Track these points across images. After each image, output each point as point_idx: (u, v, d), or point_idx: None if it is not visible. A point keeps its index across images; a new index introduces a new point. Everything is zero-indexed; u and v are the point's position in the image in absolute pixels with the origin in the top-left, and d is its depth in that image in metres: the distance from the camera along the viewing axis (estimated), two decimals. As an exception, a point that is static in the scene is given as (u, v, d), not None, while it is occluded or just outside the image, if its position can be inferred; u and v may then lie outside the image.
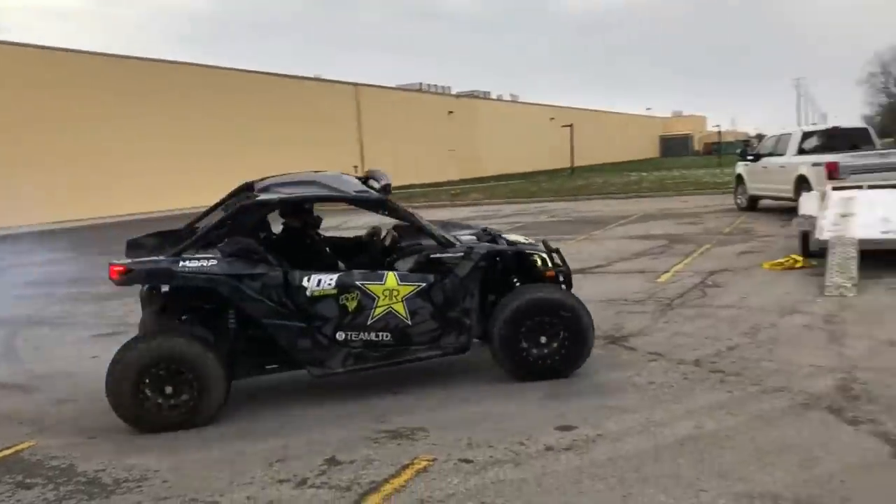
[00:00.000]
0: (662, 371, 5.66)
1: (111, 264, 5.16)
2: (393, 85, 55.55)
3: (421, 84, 59.54)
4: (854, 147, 17.06)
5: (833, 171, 15.32)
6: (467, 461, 4.22)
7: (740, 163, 19.20)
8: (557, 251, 6.29)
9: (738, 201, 18.90)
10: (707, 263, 10.73)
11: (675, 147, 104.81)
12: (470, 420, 4.89)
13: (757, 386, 5.17)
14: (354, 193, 5.73)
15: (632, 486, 3.75)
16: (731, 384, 5.25)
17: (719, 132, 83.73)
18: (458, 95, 61.88)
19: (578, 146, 61.13)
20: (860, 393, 4.87)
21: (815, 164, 15.90)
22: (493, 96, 72.03)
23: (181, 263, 5.11)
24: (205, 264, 5.12)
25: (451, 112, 57.35)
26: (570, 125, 56.30)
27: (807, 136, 17.39)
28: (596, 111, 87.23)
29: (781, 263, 10.01)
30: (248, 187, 5.97)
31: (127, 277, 5.14)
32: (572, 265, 11.07)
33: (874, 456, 3.93)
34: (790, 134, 17.86)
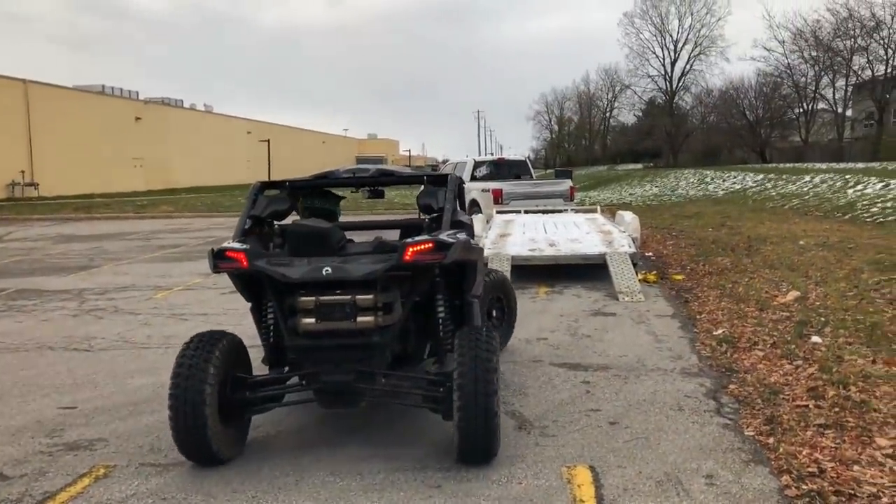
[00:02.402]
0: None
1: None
2: (70, 85, 50.70)
3: (104, 86, 55.19)
4: (517, 176, 19.59)
5: (497, 197, 17.49)
6: (150, 465, 4.36)
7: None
8: None
9: (422, 221, 20.58)
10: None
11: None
12: (154, 427, 4.99)
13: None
14: None
15: (305, 471, 4.21)
16: (399, 380, 5.96)
17: (409, 156, 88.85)
18: (146, 101, 58.38)
19: (276, 161, 61.14)
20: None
21: (483, 190, 18.02)
22: (187, 105, 69.16)
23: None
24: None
25: (138, 118, 53.96)
26: (268, 140, 56.13)
27: (478, 164, 19.57)
28: (294, 128, 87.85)
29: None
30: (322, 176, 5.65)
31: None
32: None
33: (503, 429, 4.77)
34: (464, 162, 19.95)
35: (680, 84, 72.81)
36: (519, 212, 15.86)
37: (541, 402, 5.34)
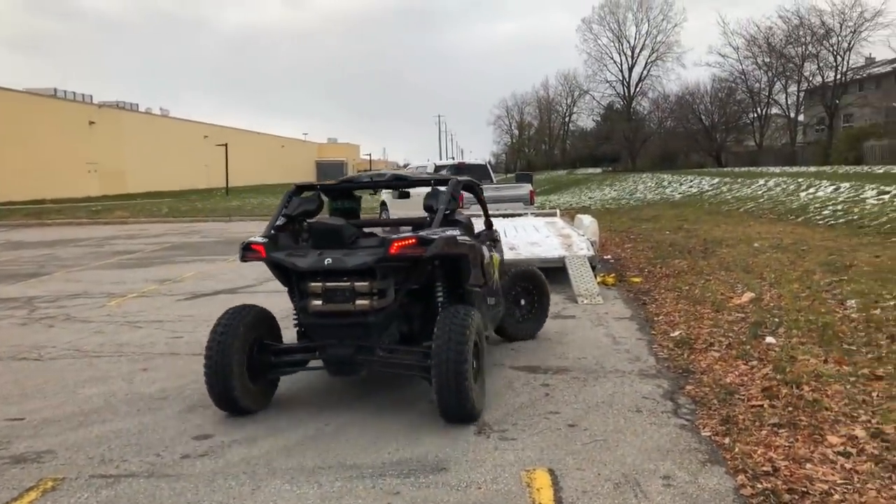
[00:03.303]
0: (297, 378, 6.13)
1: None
2: (20, 88, 49.42)
3: (56, 90, 53.95)
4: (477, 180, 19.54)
5: (460, 201, 17.39)
6: (100, 476, 4.24)
7: (384, 191, 20.88)
8: None
9: (382, 226, 20.51)
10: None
11: (331, 172, 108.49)
12: (104, 438, 4.87)
13: (382, 385, 5.89)
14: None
15: (262, 480, 4.13)
16: (360, 385, 5.90)
17: (370, 160, 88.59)
18: (101, 105, 57.22)
19: (234, 166, 60.39)
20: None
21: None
22: (142, 109, 67.98)
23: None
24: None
25: (92, 122, 52.85)
26: (225, 144, 55.42)
27: (438, 169, 19.53)
28: (252, 132, 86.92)
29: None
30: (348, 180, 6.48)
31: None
32: (223, 286, 11.22)
33: (463, 433, 4.79)
34: (425, 166, 19.91)
35: (637, 89, 73.94)
36: (479, 216, 15.84)
37: (501, 406, 5.33)
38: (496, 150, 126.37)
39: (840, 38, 49.13)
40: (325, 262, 4.95)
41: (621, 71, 73.93)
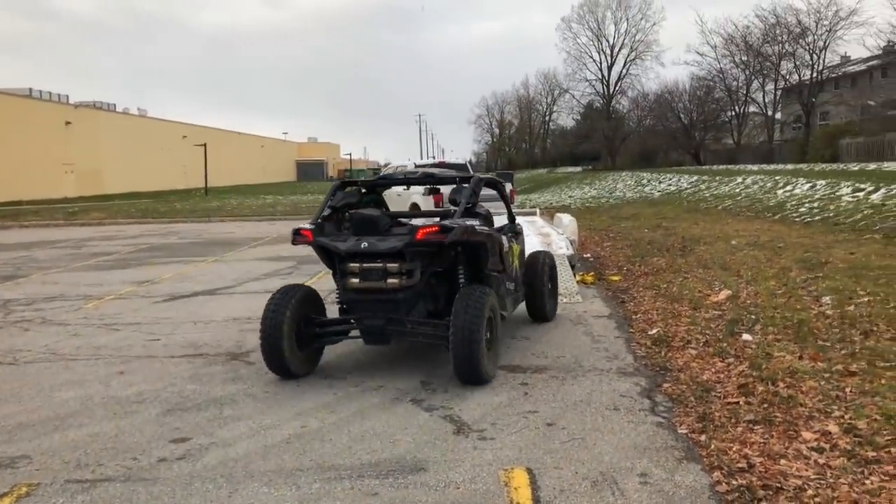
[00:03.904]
0: (278, 380, 6.12)
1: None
2: (-5, 88, 48.77)
3: (31, 90, 53.31)
4: (456, 180, 19.55)
5: (438, 201, 17.48)
6: (76, 481, 4.19)
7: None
8: None
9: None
10: (331, 283, 11.52)
11: (311, 172, 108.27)
12: (81, 442, 4.82)
13: (358, 387, 5.89)
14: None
15: (239, 483, 4.11)
16: (337, 387, 5.90)
17: (350, 160, 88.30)
18: (77, 105, 56.60)
19: (214, 167, 60.02)
20: (437, 386, 5.85)
21: (425, 194, 17.99)
22: (119, 109, 67.35)
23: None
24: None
25: (68, 123, 52.29)
26: (204, 144, 55.03)
27: (419, 168, 19.52)
28: (232, 132, 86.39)
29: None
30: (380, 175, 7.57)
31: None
32: (201, 287, 11.17)
33: (442, 433, 4.80)
34: (405, 166, 19.91)
35: (617, 88, 74.39)
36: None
37: (479, 405, 5.34)
38: (477, 148, 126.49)
39: (816, 37, 49.72)
40: (362, 246, 5.88)
41: (601, 70, 74.40)
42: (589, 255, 13.68)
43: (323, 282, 11.59)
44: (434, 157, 63.06)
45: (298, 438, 4.79)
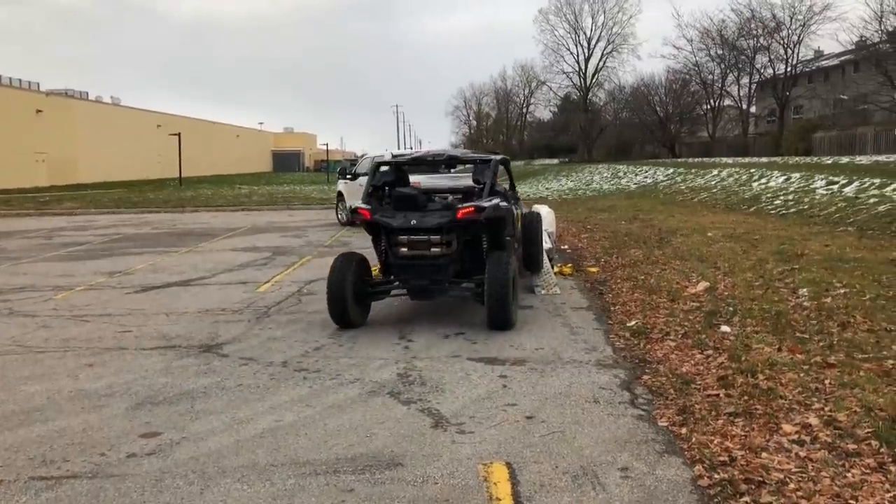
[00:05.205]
0: (252, 373, 6.00)
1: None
2: (-36, 74, 47.73)
3: (0, 76, 52.22)
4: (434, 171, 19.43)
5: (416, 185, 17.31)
6: (40, 478, 4.05)
7: (341, 181, 20.61)
8: None
9: (340, 217, 20.26)
10: (306, 274, 11.41)
11: (286, 162, 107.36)
12: (46, 437, 4.67)
13: (335, 379, 5.79)
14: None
15: (211, 479, 4.00)
16: (312, 380, 5.79)
17: (327, 150, 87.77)
18: (48, 93, 55.55)
19: (188, 156, 59.30)
20: (415, 378, 5.76)
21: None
22: (92, 97, 66.24)
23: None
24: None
25: (39, 111, 51.30)
26: (179, 134, 54.32)
27: (395, 158, 19.31)
28: (207, 122, 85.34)
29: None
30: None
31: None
32: (175, 278, 10.97)
33: (419, 427, 4.72)
34: (383, 156, 19.70)
35: (594, 80, 74.24)
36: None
37: (458, 398, 5.26)
38: (454, 140, 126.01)
39: (790, 32, 50.01)
40: (412, 223, 7.38)
41: (578, 62, 74.21)
42: (566, 246, 13.65)
43: (299, 272, 11.46)
44: (412, 148, 62.91)
45: (273, 433, 4.68)
